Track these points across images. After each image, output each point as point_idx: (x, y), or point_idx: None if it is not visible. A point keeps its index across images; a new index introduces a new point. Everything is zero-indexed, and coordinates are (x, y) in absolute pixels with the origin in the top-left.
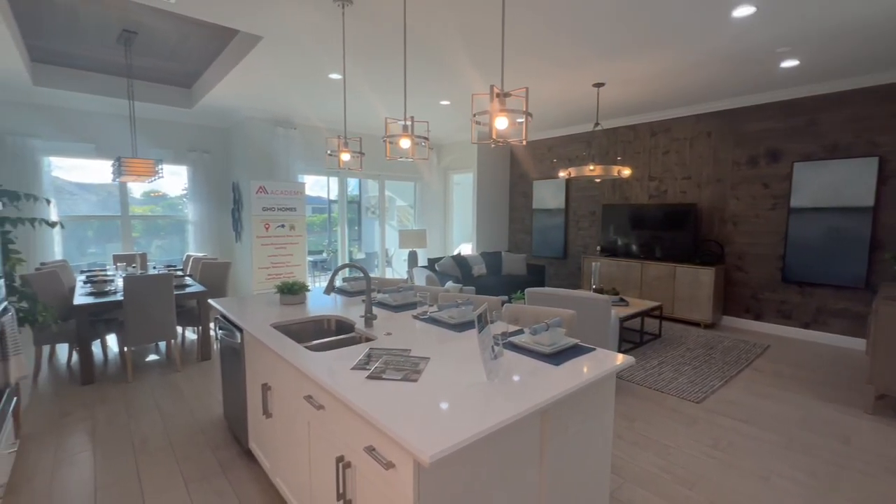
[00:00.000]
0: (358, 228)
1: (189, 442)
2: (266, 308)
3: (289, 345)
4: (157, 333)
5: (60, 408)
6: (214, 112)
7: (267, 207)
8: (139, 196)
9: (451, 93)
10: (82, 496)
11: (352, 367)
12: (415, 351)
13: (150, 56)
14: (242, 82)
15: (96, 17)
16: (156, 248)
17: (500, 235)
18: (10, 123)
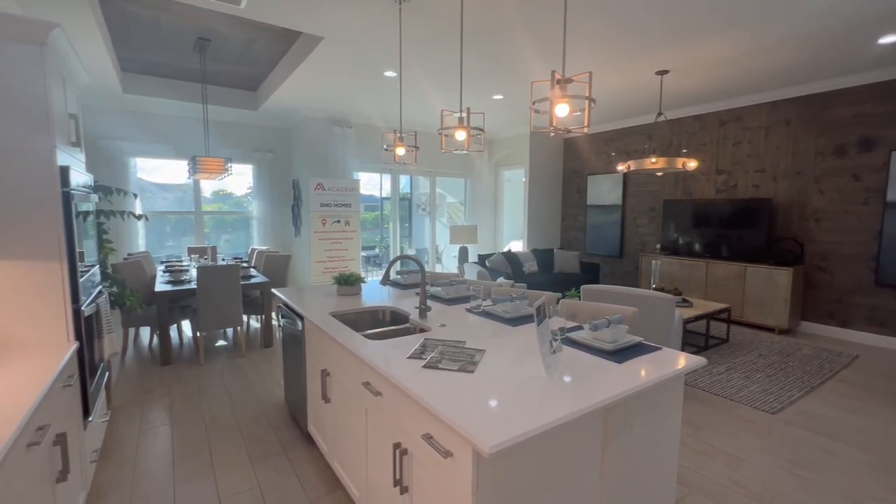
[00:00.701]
0: (409, 225)
1: (253, 422)
2: (324, 298)
3: (347, 333)
4: (225, 320)
5: (143, 385)
6: (277, 113)
7: (324, 204)
8: (209, 195)
9: (504, 86)
10: (163, 464)
11: (408, 356)
12: (469, 343)
13: (221, 61)
14: (303, 83)
15: (175, 26)
16: (224, 241)
17: (551, 232)
18: (103, 128)
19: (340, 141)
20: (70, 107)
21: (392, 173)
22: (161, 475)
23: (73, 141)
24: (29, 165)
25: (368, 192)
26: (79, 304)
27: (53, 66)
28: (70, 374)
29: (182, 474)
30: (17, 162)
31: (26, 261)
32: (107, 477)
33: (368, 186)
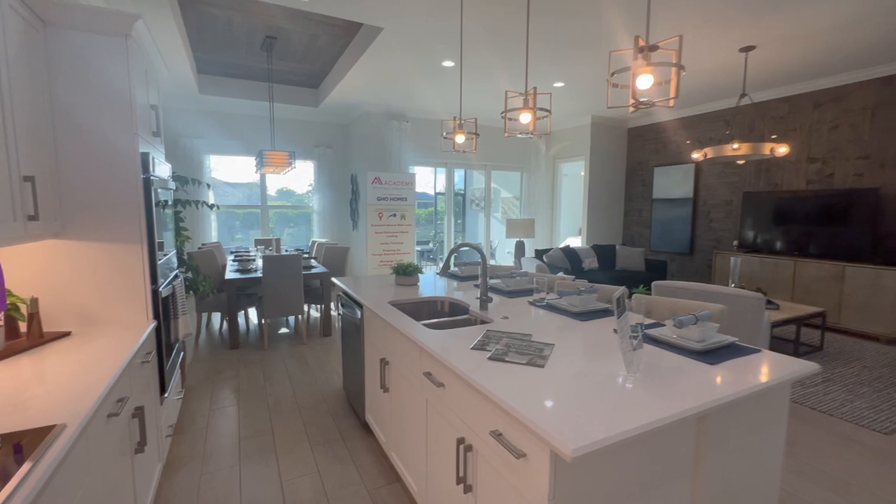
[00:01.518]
0: (462, 220)
1: (313, 408)
2: (382, 288)
3: (406, 321)
4: (287, 308)
5: (214, 366)
6: (337, 109)
7: (381, 197)
8: (275, 193)
9: (566, 72)
10: (230, 442)
11: (471, 346)
12: (536, 336)
13: (286, 60)
14: (363, 77)
15: (246, 25)
16: (287, 235)
17: (612, 228)
18: (182, 127)
19: (397, 135)
20: (151, 98)
21: (447, 167)
22: (228, 453)
23: (153, 131)
24: (114, 152)
25: (421, 190)
26: (157, 285)
27: (136, 58)
28: (148, 351)
29: (247, 453)
30: (103, 149)
31: (111, 243)
32: (180, 451)
33: (421, 184)
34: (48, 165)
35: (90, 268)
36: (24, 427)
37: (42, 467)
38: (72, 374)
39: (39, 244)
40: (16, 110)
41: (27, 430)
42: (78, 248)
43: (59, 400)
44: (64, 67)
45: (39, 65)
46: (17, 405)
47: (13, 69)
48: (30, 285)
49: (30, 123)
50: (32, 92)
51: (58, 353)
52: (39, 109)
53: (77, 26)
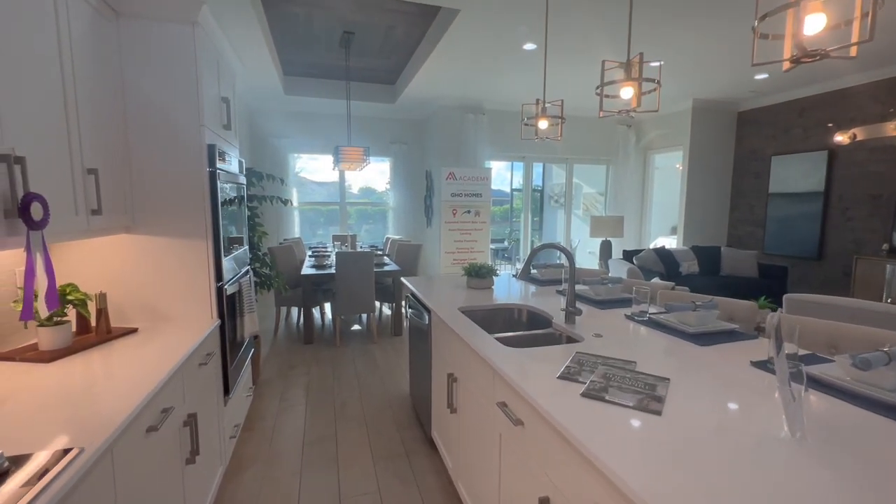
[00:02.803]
0: (539, 218)
1: (379, 415)
2: (453, 291)
3: (478, 334)
4: (359, 305)
5: (289, 361)
6: (412, 105)
7: (455, 193)
8: (357, 192)
9: (669, 48)
10: (294, 446)
11: (558, 374)
12: (642, 365)
13: (363, 55)
14: (438, 68)
15: (325, 22)
16: (365, 231)
17: (716, 227)
18: (271, 127)
19: (473, 129)
20: (223, 90)
21: (525, 161)
22: (291, 457)
23: (224, 124)
24: (181, 144)
25: (497, 187)
26: (221, 282)
27: (205, 47)
28: (208, 352)
29: (309, 460)
30: (170, 140)
31: (177, 238)
32: (246, 451)
33: (497, 182)
34: (118, 158)
35: (158, 263)
36: (36, 449)
37: (46, 497)
38: (125, 378)
39: (112, 238)
40: (80, 102)
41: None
42: (147, 242)
43: (90, 415)
44: (134, 57)
45: (111, 55)
46: (50, 418)
47: (78, 61)
48: (102, 280)
49: (97, 115)
50: (102, 83)
51: (117, 352)
52: (110, 100)
53: (147, 15)
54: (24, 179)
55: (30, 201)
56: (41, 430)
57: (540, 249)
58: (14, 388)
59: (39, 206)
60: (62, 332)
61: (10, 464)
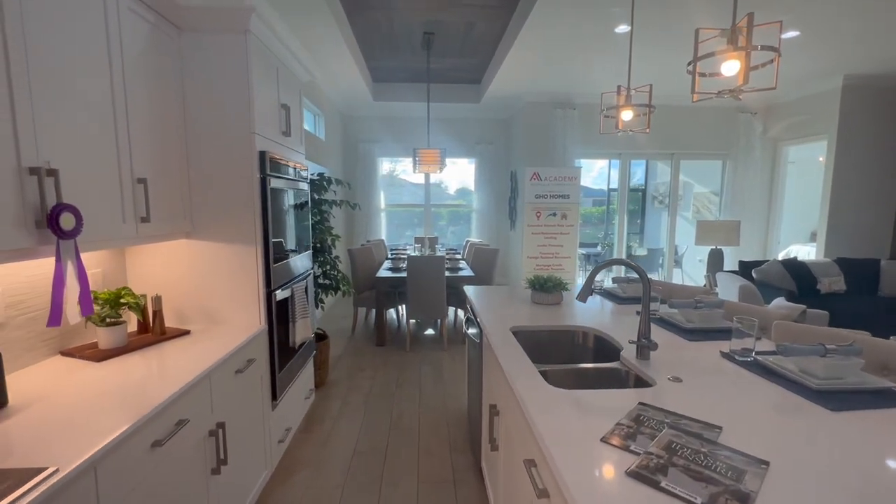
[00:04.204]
0: (641, 220)
1: (433, 431)
2: (514, 305)
3: (521, 364)
4: (430, 310)
5: (359, 362)
6: (497, 103)
7: (539, 195)
8: (454, 192)
9: (807, 14)
10: (345, 454)
11: (603, 434)
12: (731, 433)
13: (445, 56)
14: (522, 60)
15: (405, 24)
16: (451, 233)
17: (872, 235)
18: (361, 132)
19: (562, 125)
20: (283, 98)
21: (621, 158)
22: (339, 467)
23: (283, 130)
24: (232, 151)
25: (597, 186)
26: (270, 288)
27: (259, 55)
28: (250, 358)
29: (355, 473)
30: (223, 148)
31: (230, 243)
32: (300, 454)
33: (598, 180)
34: (175, 166)
35: (213, 268)
36: (12, 465)
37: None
38: (149, 386)
39: (174, 243)
40: (130, 115)
41: (13, 469)
42: (204, 247)
43: (89, 428)
44: (194, 69)
45: (171, 68)
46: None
47: (130, 76)
48: (165, 283)
49: (151, 126)
50: (160, 95)
51: (163, 355)
52: (167, 112)
53: (204, 28)
54: (56, 191)
55: (59, 212)
56: (44, 441)
57: (603, 267)
58: (62, 384)
59: (71, 216)
60: (117, 332)
61: None
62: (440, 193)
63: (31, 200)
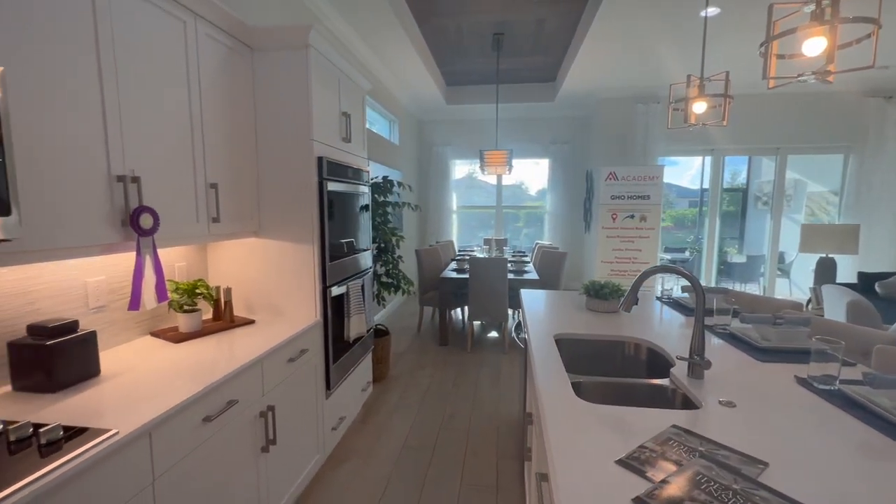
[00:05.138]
0: (740, 224)
1: (483, 434)
2: (567, 310)
3: (552, 372)
4: (491, 312)
5: (420, 360)
6: (572, 101)
7: (615, 196)
8: (534, 193)
9: None
10: (395, 447)
11: (621, 455)
12: (778, 471)
13: (516, 56)
14: (595, 54)
15: (474, 27)
16: (524, 235)
17: None
18: (435, 136)
19: (643, 121)
20: (344, 106)
21: (713, 154)
22: (387, 459)
23: (343, 136)
24: (293, 157)
25: (695, 186)
26: (325, 284)
27: (320, 68)
28: (303, 348)
29: (402, 467)
30: (286, 154)
31: (291, 242)
32: (353, 443)
33: (695, 180)
34: (246, 171)
35: (276, 264)
36: (79, 424)
37: (64, 469)
38: (209, 367)
39: (245, 241)
40: (206, 127)
41: (84, 427)
42: (269, 245)
43: (153, 399)
44: (263, 83)
45: (245, 83)
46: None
47: (206, 93)
48: (238, 276)
49: (224, 136)
50: (233, 108)
51: (229, 341)
52: (239, 122)
53: (271, 46)
54: (139, 195)
55: (140, 213)
56: (116, 406)
57: (651, 273)
58: (148, 359)
59: (149, 216)
60: (193, 318)
61: (63, 434)
62: (520, 195)
63: (118, 203)
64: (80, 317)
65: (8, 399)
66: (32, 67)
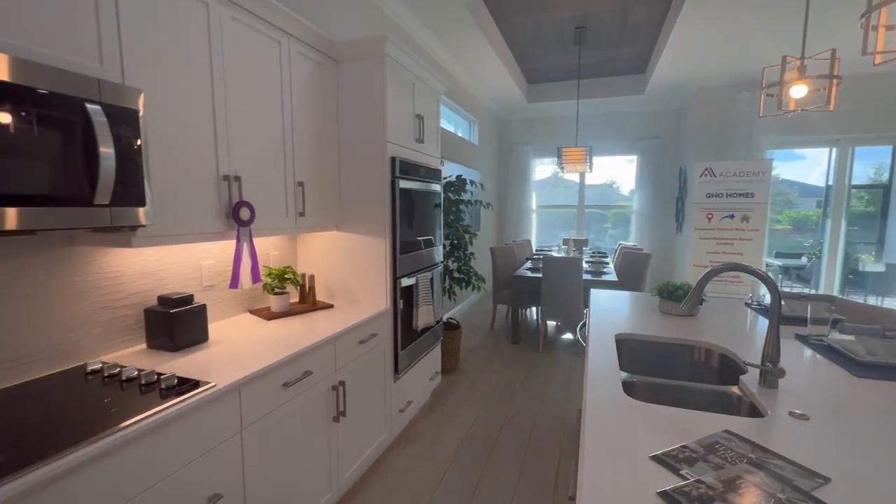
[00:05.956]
0: (880, 226)
1: (547, 434)
2: (636, 312)
3: (606, 369)
4: (564, 312)
5: (491, 356)
6: (664, 92)
7: (711, 193)
8: (627, 193)
9: None
10: (457, 437)
11: (656, 452)
12: (840, 489)
13: (601, 49)
14: (690, 35)
15: (553, 23)
16: (608, 236)
17: None
18: (515, 135)
19: (746, 110)
20: (418, 108)
21: (838, 145)
22: (449, 447)
23: (416, 137)
24: (369, 157)
25: (815, 182)
26: (396, 275)
27: (396, 74)
28: (373, 332)
29: (461, 457)
30: (364, 155)
31: (367, 235)
32: (419, 427)
33: (824, 176)
34: (328, 170)
35: (354, 255)
36: (205, 378)
37: (175, 408)
38: (292, 341)
39: (328, 233)
40: (295, 133)
41: (193, 378)
42: (348, 238)
43: (245, 363)
44: (345, 91)
45: (330, 93)
46: (243, 357)
47: (297, 103)
48: (322, 264)
49: (311, 141)
50: (319, 115)
51: (311, 321)
52: (324, 127)
53: (353, 58)
54: (239, 192)
55: (239, 207)
56: (217, 366)
57: (714, 275)
58: (244, 332)
59: (247, 209)
60: (282, 300)
61: (177, 382)
62: (610, 194)
63: (223, 198)
64: (196, 293)
65: (143, 354)
66: (164, 90)
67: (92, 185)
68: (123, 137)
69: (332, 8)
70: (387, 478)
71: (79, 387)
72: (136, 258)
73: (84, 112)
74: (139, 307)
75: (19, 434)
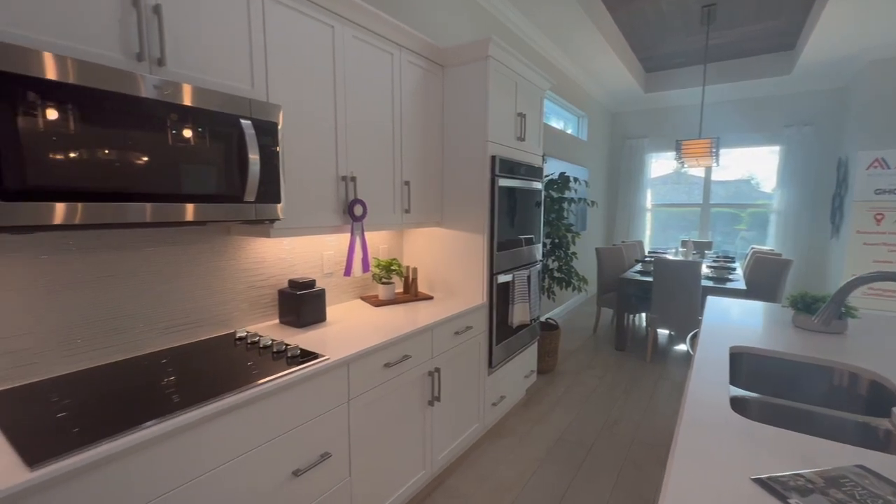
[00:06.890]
0: None
1: (648, 447)
2: (763, 324)
3: (714, 382)
4: (677, 321)
5: (591, 360)
6: (819, 70)
7: (882, 190)
8: (768, 190)
9: None
10: (550, 438)
11: (760, 475)
12: None
13: (735, 27)
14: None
15: (675, 5)
16: (740, 239)
17: None
18: (628, 129)
19: None
20: (520, 107)
21: None
22: (541, 446)
23: (518, 136)
24: (470, 157)
25: None
26: (492, 272)
27: (498, 74)
28: (469, 325)
29: (552, 458)
30: (465, 155)
31: (466, 232)
32: (512, 423)
33: None
34: (432, 170)
35: (453, 250)
36: (320, 351)
37: (297, 374)
38: (394, 327)
39: (430, 229)
40: (404, 135)
41: (312, 351)
42: (448, 234)
43: (355, 342)
44: (451, 94)
45: (436, 96)
46: (350, 339)
47: (406, 108)
48: (424, 258)
49: (417, 142)
50: (425, 118)
51: (413, 310)
52: (430, 129)
53: (459, 62)
54: (354, 190)
55: (353, 204)
56: (332, 343)
57: (867, 281)
58: (355, 315)
59: (360, 206)
60: (388, 289)
61: (299, 353)
62: (749, 191)
63: (341, 197)
64: (318, 278)
65: (276, 328)
66: (297, 104)
67: (243, 185)
68: (266, 146)
69: (442, 14)
70: (478, 465)
71: (230, 349)
72: (275, 247)
73: (239, 126)
74: (274, 288)
75: (196, 380)
